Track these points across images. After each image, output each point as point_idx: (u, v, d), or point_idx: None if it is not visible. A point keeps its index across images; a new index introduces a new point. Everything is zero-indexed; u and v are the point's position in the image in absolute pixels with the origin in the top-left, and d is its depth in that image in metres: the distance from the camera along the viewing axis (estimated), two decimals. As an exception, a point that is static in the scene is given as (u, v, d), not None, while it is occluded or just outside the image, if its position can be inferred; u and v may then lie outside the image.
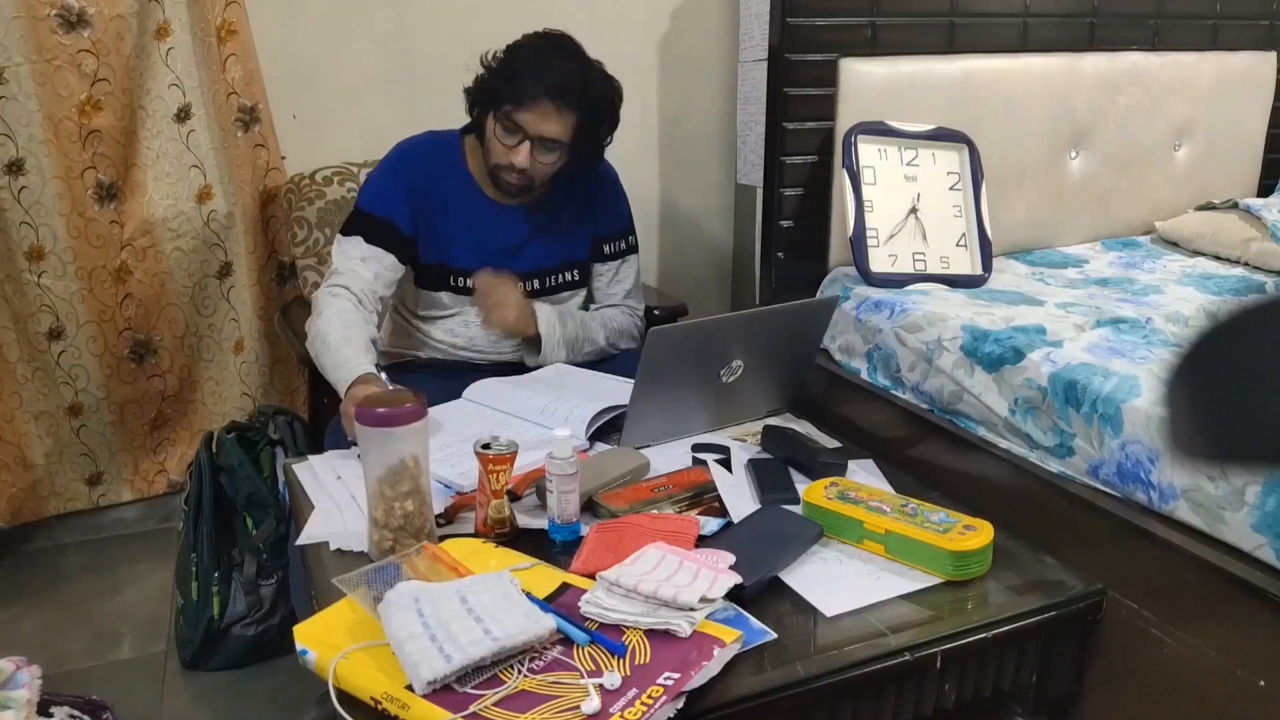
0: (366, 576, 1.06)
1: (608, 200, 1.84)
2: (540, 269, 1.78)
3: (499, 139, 1.63)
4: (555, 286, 1.81)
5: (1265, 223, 2.10)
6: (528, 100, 1.59)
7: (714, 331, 1.48)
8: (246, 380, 2.29)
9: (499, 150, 1.64)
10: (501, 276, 1.71)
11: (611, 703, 0.88)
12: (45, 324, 2.10)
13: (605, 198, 1.84)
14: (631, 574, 1.03)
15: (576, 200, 1.79)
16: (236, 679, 1.80)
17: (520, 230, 1.76)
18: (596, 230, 1.83)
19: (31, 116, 1.97)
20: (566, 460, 1.17)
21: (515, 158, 1.62)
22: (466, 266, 1.73)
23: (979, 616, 1.08)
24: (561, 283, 1.82)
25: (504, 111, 1.61)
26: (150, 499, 2.32)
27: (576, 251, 1.82)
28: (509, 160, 1.63)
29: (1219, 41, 2.38)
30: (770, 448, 1.44)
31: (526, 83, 1.59)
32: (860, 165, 1.89)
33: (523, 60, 1.63)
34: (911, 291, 1.82)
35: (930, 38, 2.10)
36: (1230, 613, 1.16)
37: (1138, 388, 1.32)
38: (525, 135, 1.61)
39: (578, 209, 1.80)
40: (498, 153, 1.64)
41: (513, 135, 1.61)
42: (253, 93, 2.13)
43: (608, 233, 1.85)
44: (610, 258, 1.86)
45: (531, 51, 1.64)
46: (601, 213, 1.83)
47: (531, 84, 1.59)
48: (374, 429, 1.10)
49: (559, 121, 1.61)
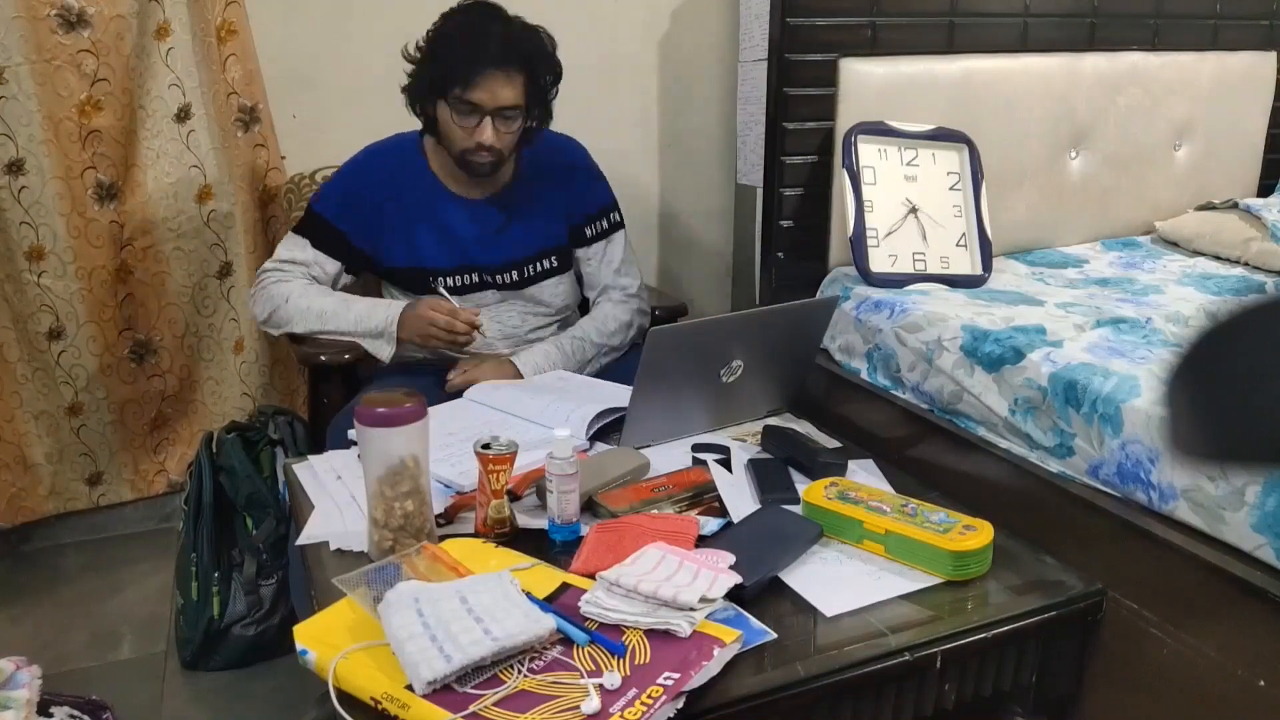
0: (366, 576, 1.06)
1: (581, 181, 1.83)
2: (514, 260, 1.78)
3: (458, 125, 1.61)
4: (534, 276, 1.80)
5: (1265, 223, 2.10)
6: (476, 77, 1.56)
7: (714, 331, 1.48)
8: (246, 380, 2.29)
9: (461, 135, 1.62)
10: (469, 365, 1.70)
11: (611, 703, 0.88)
12: (45, 324, 2.10)
13: (579, 179, 1.83)
14: (631, 574, 1.03)
15: (548, 187, 1.79)
16: (236, 679, 1.80)
17: (491, 223, 1.75)
18: (574, 213, 1.82)
19: (31, 116, 1.97)
20: (566, 460, 1.17)
21: (481, 137, 1.60)
22: (441, 265, 1.74)
23: (979, 616, 1.08)
24: (540, 271, 1.80)
25: (455, 96, 1.59)
26: (150, 499, 2.32)
27: (552, 238, 1.81)
28: (475, 142, 1.61)
29: (1219, 41, 2.38)
30: (770, 448, 1.44)
31: (469, 60, 1.57)
32: (860, 165, 1.89)
33: (454, 39, 1.60)
34: (911, 291, 1.82)
35: (930, 38, 2.10)
36: (1230, 613, 1.16)
37: (1138, 388, 1.32)
38: (484, 112, 1.59)
39: (551, 195, 1.79)
40: (460, 138, 1.63)
41: (471, 116, 1.60)
42: (253, 93, 2.13)
43: (587, 213, 1.84)
44: (595, 239, 1.85)
45: (459, 27, 1.61)
46: (577, 195, 1.82)
47: (474, 60, 1.56)
48: (374, 429, 1.10)
49: (511, 87, 1.59)
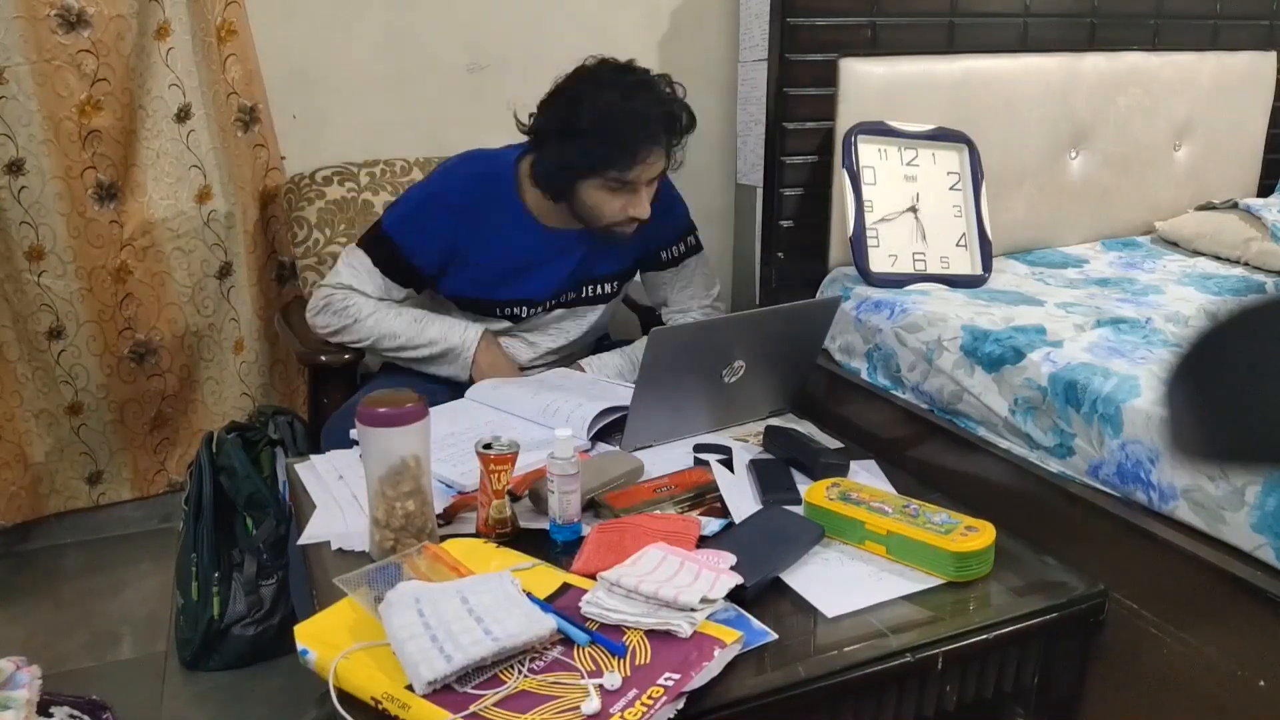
0: (367, 576, 1.06)
1: (662, 207, 1.70)
2: (577, 282, 1.74)
3: (608, 200, 1.56)
4: (590, 298, 1.77)
5: (1265, 223, 2.10)
6: (638, 160, 1.50)
7: (716, 332, 1.48)
8: (246, 380, 2.29)
9: (613, 210, 1.56)
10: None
11: (612, 703, 0.88)
12: (45, 323, 2.10)
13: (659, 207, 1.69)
14: (632, 574, 1.03)
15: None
16: (236, 679, 1.80)
17: (572, 255, 1.70)
18: (650, 240, 1.76)
19: (31, 116, 1.97)
20: (568, 460, 1.17)
21: (637, 210, 1.56)
22: (508, 298, 1.70)
23: (980, 618, 1.08)
24: (597, 295, 1.77)
25: (611, 176, 1.53)
26: (150, 499, 2.32)
27: (621, 263, 1.77)
28: (628, 214, 1.56)
29: (1219, 41, 2.38)
30: (772, 448, 1.44)
31: (633, 143, 1.49)
32: (860, 165, 1.89)
33: (614, 118, 1.49)
34: (911, 291, 1.82)
35: (930, 38, 2.10)
36: (1230, 613, 1.16)
37: (1138, 388, 1.32)
38: (637, 186, 1.55)
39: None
40: (612, 212, 1.57)
41: (622, 192, 1.55)
42: (253, 93, 2.13)
43: (664, 239, 1.79)
44: (670, 263, 1.81)
45: (617, 103, 1.49)
46: (654, 222, 1.69)
47: (640, 141, 1.49)
48: (375, 429, 1.10)
49: (663, 158, 1.56)
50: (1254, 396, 0.59)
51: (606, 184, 1.54)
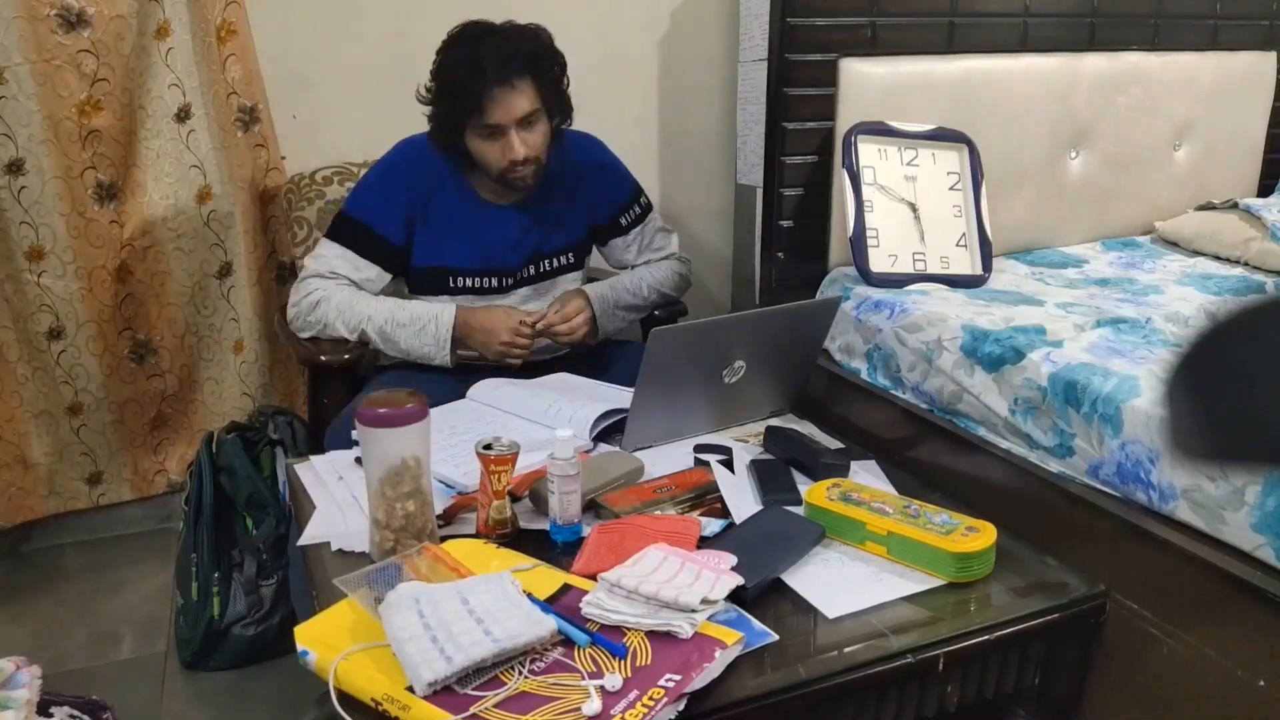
0: (367, 577, 1.06)
1: (605, 177, 1.86)
2: (533, 258, 1.81)
3: (487, 149, 1.63)
4: (550, 271, 1.83)
5: (1265, 223, 2.10)
6: (486, 101, 1.57)
7: (716, 332, 1.48)
8: (246, 380, 2.29)
9: (494, 156, 1.64)
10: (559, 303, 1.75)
11: (612, 704, 0.88)
12: (45, 324, 2.10)
13: (603, 176, 1.85)
14: (633, 575, 1.03)
15: (571, 185, 1.80)
16: (236, 679, 1.80)
17: (518, 225, 1.77)
18: (599, 208, 1.85)
19: (31, 116, 1.97)
20: (568, 461, 1.17)
21: (512, 154, 1.62)
22: (464, 266, 1.75)
23: (982, 618, 1.08)
24: (556, 267, 1.84)
25: (474, 125, 1.60)
26: (150, 499, 2.32)
27: (572, 235, 1.84)
28: (509, 159, 1.62)
29: (1219, 41, 2.38)
30: (773, 448, 1.44)
31: (474, 87, 1.56)
32: (860, 165, 1.89)
33: (455, 68, 1.59)
34: (911, 291, 1.82)
35: (930, 38, 2.10)
36: (1230, 613, 1.16)
37: (1138, 388, 1.32)
38: (507, 128, 1.60)
39: (574, 194, 1.81)
40: (495, 159, 1.64)
41: (496, 137, 1.61)
42: (252, 93, 2.13)
43: (618, 203, 1.87)
44: (630, 226, 1.89)
45: (455, 58, 1.60)
46: (602, 191, 1.85)
47: (479, 84, 1.56)
48: (375, 429, 1.10)
49: (522, 95, 1.60)
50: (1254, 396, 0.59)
51: (478, 133, 1.62)
